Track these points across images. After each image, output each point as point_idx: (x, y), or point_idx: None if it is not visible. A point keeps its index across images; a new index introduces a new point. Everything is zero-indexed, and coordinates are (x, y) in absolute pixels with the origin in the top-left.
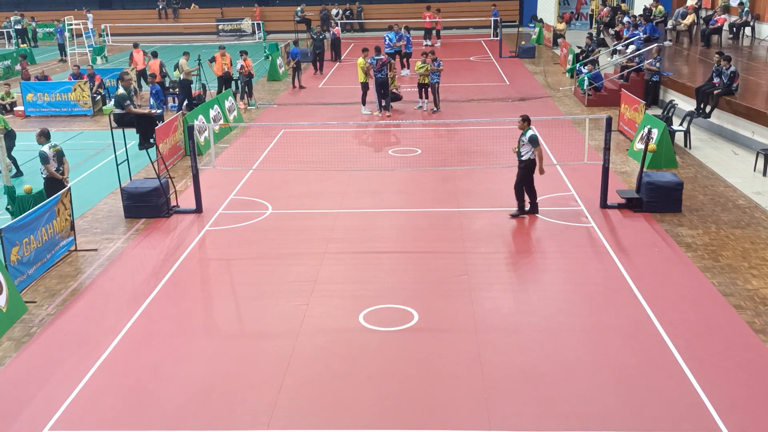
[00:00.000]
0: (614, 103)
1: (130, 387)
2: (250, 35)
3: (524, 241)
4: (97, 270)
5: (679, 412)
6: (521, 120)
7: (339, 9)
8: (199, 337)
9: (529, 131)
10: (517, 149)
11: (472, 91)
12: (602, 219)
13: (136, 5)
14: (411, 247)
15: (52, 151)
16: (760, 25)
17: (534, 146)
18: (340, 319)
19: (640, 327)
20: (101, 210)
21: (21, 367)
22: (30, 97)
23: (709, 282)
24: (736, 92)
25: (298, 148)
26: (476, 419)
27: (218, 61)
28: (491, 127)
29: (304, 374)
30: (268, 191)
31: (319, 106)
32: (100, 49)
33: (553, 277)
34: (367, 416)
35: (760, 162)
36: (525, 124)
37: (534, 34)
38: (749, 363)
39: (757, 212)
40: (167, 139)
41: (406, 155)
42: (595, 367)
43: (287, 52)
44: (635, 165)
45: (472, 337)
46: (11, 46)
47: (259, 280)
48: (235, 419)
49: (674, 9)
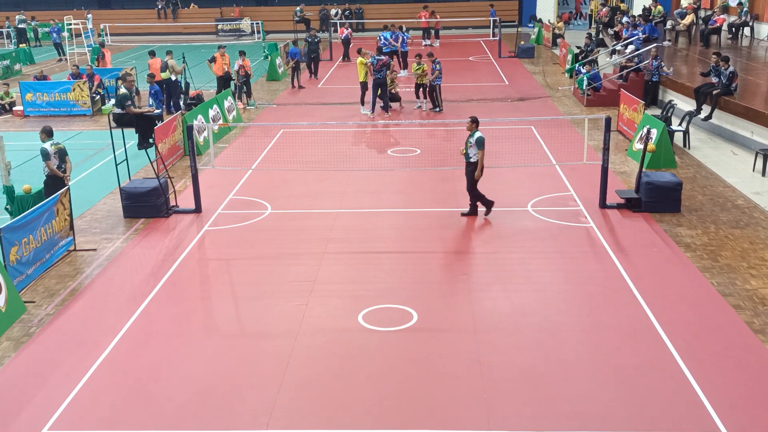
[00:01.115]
0: (613, 103)
1: (130, 387)
2: (249, 35)
3: (523, 241)
4: (96, 270)
5: (679, 412)
6: (470, 121)
7: (338, 9)
8: (198, 337)
9: (477, 133)
10: (465, 150)
11: (471, 91)
12: (601, 219)
13: (135, 5)
14: (410, 247)
15: (53, 149)
16: (759, 25)
17: (479, 149)
18: (339, 319)
19: (639, 327)
20: (100, 210)
21: (20, 367)
22: (29, 97)
23: (708, 282)
24: (735, 92)
25: (297, 148)
26: (476, 419)
27: (218, 61)
28: (491, 127)
29: (304, 374)
30: (267, 191)
31: (319, 106)
32: (99, 49)
33: (553, 277)
34: (366, 416)
35: (759, 162)
36: (473, 125)
37: (533, 34)
38: (748, 363)
39: (756, 212)
40: (166, 138)
41: (406, 155)
42: (594, 367)
43: (286, 51)
44: (634, 165)
45: (472, 337)
46: (11, 46)
47: (258, 280)
48: (234, 419)
49: (673, 9)
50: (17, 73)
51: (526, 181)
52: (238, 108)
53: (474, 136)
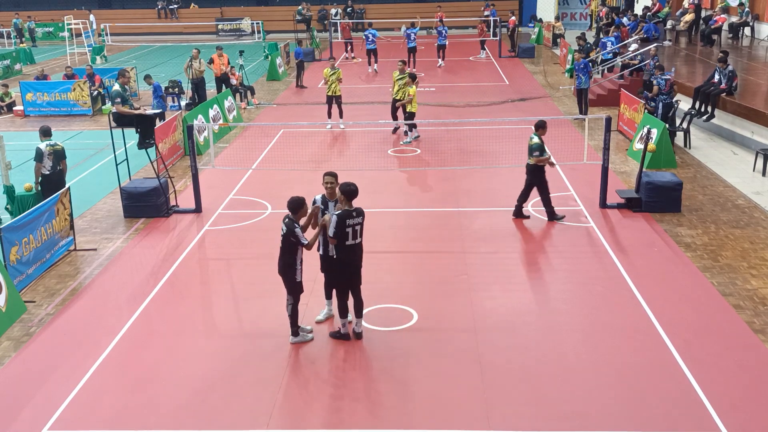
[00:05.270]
0: (614, 103)
1: (130, 387)
2: (249, 35)
3: (524, 241)
4: (97, 270)
5: (679, 411)
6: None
7: (338, 9)
8: (198, 336)
9: (534, 137)
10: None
11: (471, 90)
12: (601, 219)
13: (135, 5)
14: (410, 247)
15: (48, 149)
16: (759, 24)
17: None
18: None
19: (639, 327)
20: (100, 210)
21: (20, 367)
22: (29, 97)
23: (709, 282)
24: (735, 92)
25: (297, 148)
26: (475, 419)
27: (216, 62)
28: (491, 127)
29: (304, 374)
30: (267, 191)
31: (319, 106)
32: (99, 49)
33: (553, 276)
34: (366, 416)
35: (759, 162)
36: (538, 130)
37: (533, 34)
38: (748, 363)
39: (757, 212)
40: (166, 138)
41: (406, 155)
42: (594, 366)
43: (287, 51)
44: (634, 165)
45: (472, 337)
46: (10, 45)
47: (258, 280)
48: (234, 419)
49: (674, 10)
50: (17, 72)
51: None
52: (238, 107)
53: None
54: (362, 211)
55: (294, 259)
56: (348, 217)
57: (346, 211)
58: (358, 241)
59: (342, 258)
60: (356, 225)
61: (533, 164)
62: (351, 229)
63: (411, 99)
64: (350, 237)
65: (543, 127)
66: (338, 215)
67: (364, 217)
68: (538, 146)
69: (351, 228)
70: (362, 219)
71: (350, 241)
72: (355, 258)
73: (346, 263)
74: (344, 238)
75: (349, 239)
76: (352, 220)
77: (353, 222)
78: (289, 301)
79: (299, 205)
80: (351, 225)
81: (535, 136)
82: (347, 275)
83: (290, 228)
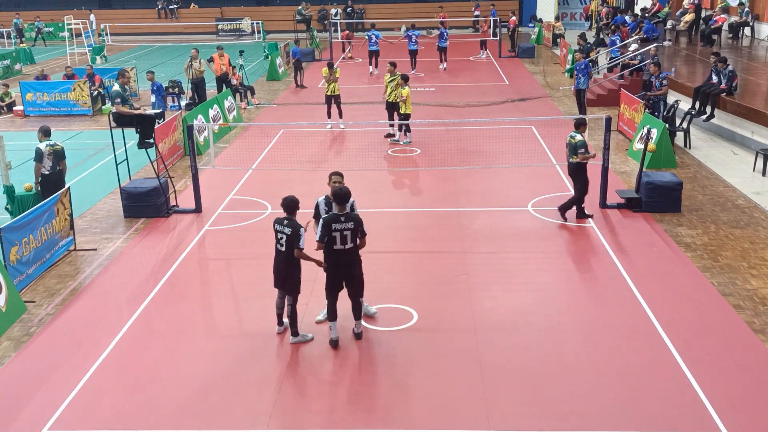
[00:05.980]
0: (614, 103)
1: (130, 387)
2: (249, 35)
3: (524, 241)
4: (97, 270)
5: (678, 411)
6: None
7: (338, 9)
8: (198, 336)
9: (577, 136)
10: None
11: (471, 90)
12: (601, 219)
13: (135, 5)
14: (410, 247)
15: (48, 150)
16: (759, 24)
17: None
18: (339, 318)
19: (639, 327)
20: (100, 210)
21: (20, 367)
22: (29, 97)
23: (709, 282)
24: (735, 92)
25: (297, 148)
26: (475, 419)
27: (216, 62)
28: (491, 127)
29: (304, 374)
30: (267, 191)
31: (319, 106)
32: (99, 49)
33: (553, 276)
34: (366, 416)
35: (759, 162)
36: (580, 127)
37: (533, 34)
38: (748, 363)
39: (757, 212)
40: (166, 138)
41: (406, 155)
42: (594, 366)
43: (287, 51)
44: (634, 165)
45: (472, 337)
46: (11, 45)
47: (258, 280)
48: (234, 419)
49: (674, 10)
50: (17, 72)
51: (527, 181)
52: (238, 107)
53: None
54: (354, 217)
55: (298, 259)
56: (334, 222)
57: (333, 215)
58: (349, 247)
59: (331, 263)
60: (345, 230)
61: (576, 162)
62: (339, 234)
63: (405, 99)
64: (338, 242)
65: (584, 125)
66: (324, 219)
67: (359, 223)
68: (584, 143)
69: (339, 233)
70: (354, 225)
71: (338, 246)
72: (346, 264)
73: (336, 268)
74: (332, 242)
75: (338, 244)
76: (339, 224)
77: (341, 227)
78: (289, 301)
79: (297, 204)
80: (339, 230)
81: (577, 134)
82: (339, 280)
83: (296, 229)
